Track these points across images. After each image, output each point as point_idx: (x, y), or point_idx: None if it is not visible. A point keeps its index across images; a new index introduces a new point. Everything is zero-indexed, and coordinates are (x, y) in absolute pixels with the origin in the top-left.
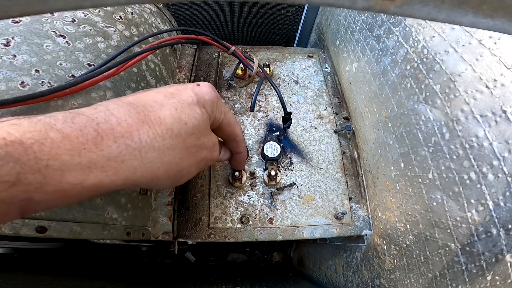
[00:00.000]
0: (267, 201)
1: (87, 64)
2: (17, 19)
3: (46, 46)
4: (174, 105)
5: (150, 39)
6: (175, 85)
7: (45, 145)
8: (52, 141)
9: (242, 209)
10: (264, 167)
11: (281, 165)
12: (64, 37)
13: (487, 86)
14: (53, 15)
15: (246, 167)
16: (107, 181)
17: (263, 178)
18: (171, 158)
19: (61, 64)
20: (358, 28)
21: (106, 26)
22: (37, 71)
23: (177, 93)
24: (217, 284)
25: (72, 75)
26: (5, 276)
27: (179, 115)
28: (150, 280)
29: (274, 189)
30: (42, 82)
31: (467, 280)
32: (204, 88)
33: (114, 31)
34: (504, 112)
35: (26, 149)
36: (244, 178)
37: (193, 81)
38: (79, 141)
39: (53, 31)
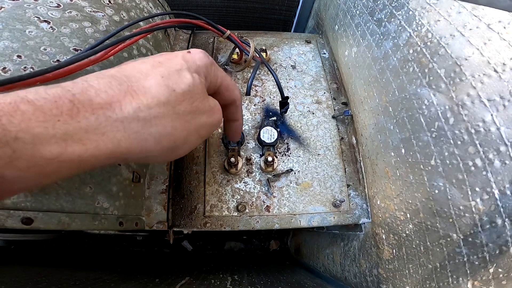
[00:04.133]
0: (263, 188)
1: (73, 49)
2: None
3: (29, 31)
4: (160, 73)
5: (141, 23)
6: (164, 53)
7: (15, 117)
8: (22, 113)
9: (238, 197)
10: (261, 153)
11: (278, 150)
12: (49, 23)
13: (495, 70)
14: (37, 0)
15: (242, 153)
16: (88, 155)
17: (260, 164)
18: (161, 127)
19: (45, 49)
20: (358, 12)
21: (94, 11)
22: (19, 56)
23: (166, 61)
24: (214, 273)
25: (57, 60)
26: (2, 268)
27: (166, 83)
28: (147, 270)
29: (271, 176)
30: (25, 67)
31: (468, 272)
32: (196, 54)
33: (103, 16)
34: None
35: None
36: (240, 164)
37: None
38: (53, 113)
39: (37, 17)
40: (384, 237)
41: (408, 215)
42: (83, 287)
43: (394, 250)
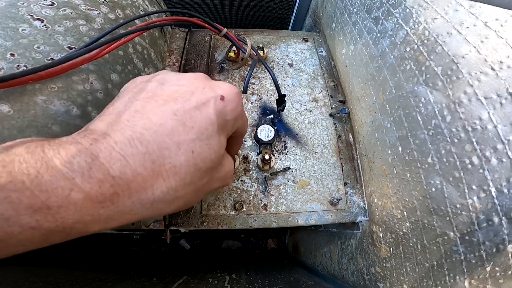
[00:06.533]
0: (261, 187)
1: (67, 47)
2: None
3: (22, 30)
4: (191, 146)
5: (137, 21)
6: (194, 87)
7: (69, 208)
8: (75, 205)
9: (236, 195)
10: (258, 151)
11: (275, 149)
12: (42, 21)
13: (492, 68)
14: None
15: (239, 151)
16: (119, 226)
17: (257, 163)
18: (180, 203)
19: (38, 47)
20: (355, 10)
21: (88, 9)
22: (12, 54)
23: (196, 116)
24: (212, 272)
25: (51, 58)
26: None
27: (195, 161)
28: (145, 269)
29: (268, 174)
30: (18, 65)
31: (465, 270)
32: (229, 105)
33: (98, 13)
34: (510, 94)
35: (54, 216)
36: (237, 163)
37: (184, 65)
38: (98, 200)
39: (30, 15)
40: (381, 235)
41: (405, 213)
42: (80, 287)
43: (391, 248)
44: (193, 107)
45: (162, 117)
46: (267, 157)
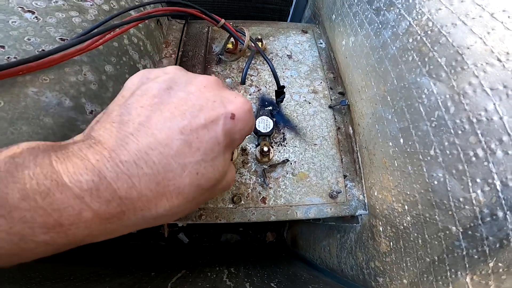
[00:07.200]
0: (259, 179)
1: (59, 39)
2: None
3: (12, 22)
4: (196, 168)
5: (132, 12)
6: (203, 107)
7: (80, 226)
8: (86, 222)
9: (234, 188)
10: (256, 143)
11: (273, 140)
12: (33, 13)
13: (499, 59)
14: None
15: None
16: (121, 234)
17: (255, 155)
18: (181, 215)
19: (29, 39)
20: (356, 1)
21: (81, 0)
22: (2, 46)
23: (203, 136)
24: (210, 266)
25: (42, 50)
26: None
27: (199, 182)
28: (143, 263)
29: (266, 167)
30: (8, 57)
31: (467, 265)
32: (239, 124)
33: (91, 5)
34: None
35: (66, 233)
36: (235, 155)
37: (181, 56)
38: (106, 218)
39: (20, 7)
40: (381, 229)
41: (406, 207)
42: (78, 282)
43: (391, 243)
44: (201, 125)
45: (168, 136)
46: (265, 149)
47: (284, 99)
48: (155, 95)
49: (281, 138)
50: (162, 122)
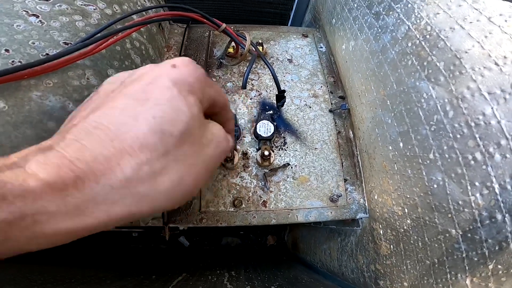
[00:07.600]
0: (260, 183)
1: (63, 42)
2: None
3: (17, 25)
4: (150, 112)
5: (134, 16)
6: (144, 72)
7: (27, 200)
8: (33, 193)
9: (235, 192)
10: (257, 147)
11: (274, 144)
12: (37, 16)
13: (496, 63)
14: None
15: (238, 147)
16: (101, 224)
17: (256, 159)
18: (168, 183)
19: (33, 43)
20: (355, 5)
21: (85, 4)
22: (7, 50)
23: (151, 90)
24: (211, 269)
25: (46, 54)
26: None
27: (161, 126)
28: (144, 266)
29: (267, 170)
30: (13, 61)
31: (467, 268)
32: (184, 69)
33: (94, 9)
34: None
35: (10, 206)
36: (236, 159)
37: None
38: (59, 188)
39: (25, 11)
40: (381, 232)
41: (406, 210)
42: (79, 285)
43: (391, 246)
44: (145, 83)
45: (113, 101)
46: (266, 153)
47: (285, 103)
48: (101, 95)
49: (281, 142)
50: (107, 101)
